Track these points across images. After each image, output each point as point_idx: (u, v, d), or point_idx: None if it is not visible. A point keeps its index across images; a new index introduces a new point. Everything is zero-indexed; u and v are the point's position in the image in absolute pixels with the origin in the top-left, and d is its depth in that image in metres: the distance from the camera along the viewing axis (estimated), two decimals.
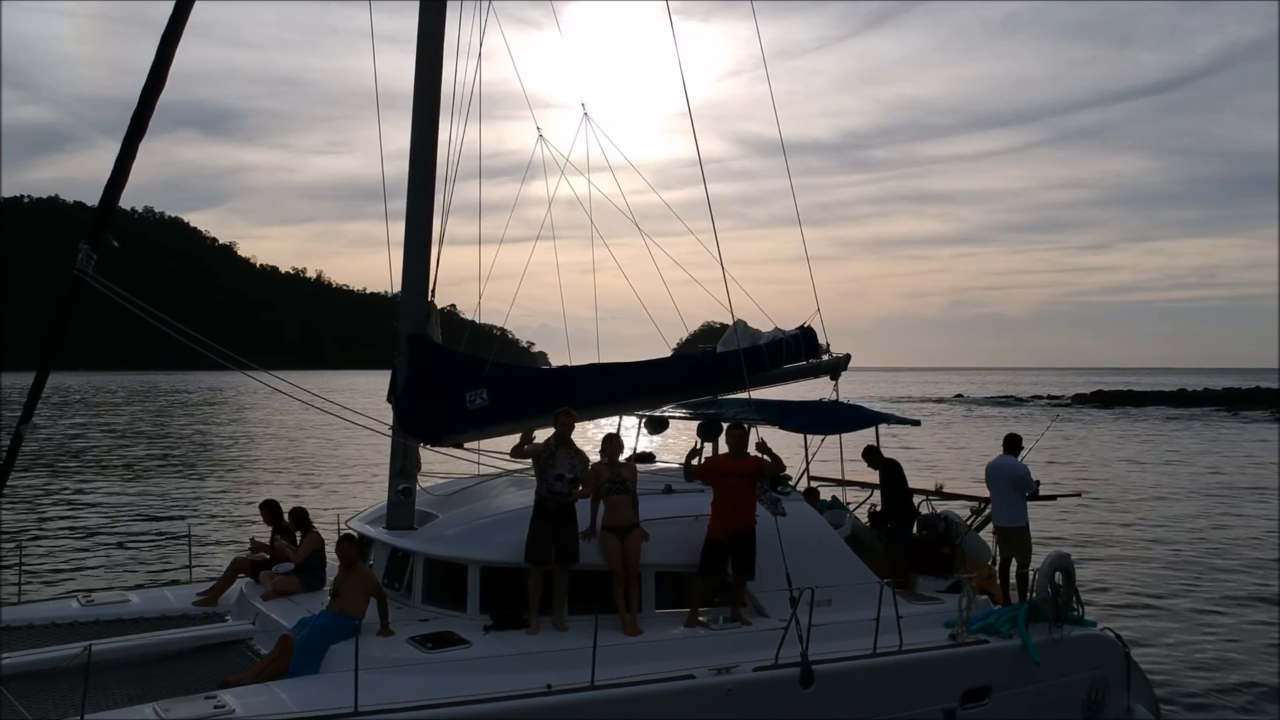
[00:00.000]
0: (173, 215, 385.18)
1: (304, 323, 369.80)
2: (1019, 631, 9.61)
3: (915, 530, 11.71)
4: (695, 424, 11.89)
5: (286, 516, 10.84)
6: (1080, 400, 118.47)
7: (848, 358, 12.49)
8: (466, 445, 10.49)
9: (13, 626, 9.74)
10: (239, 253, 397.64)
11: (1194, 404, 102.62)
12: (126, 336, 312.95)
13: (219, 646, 9.39)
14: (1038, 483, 11.20)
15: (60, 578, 16.94)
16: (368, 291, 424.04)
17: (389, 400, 10.10)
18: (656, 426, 12.11)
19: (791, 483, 11.41)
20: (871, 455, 11.80)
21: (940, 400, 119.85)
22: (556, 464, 8.96)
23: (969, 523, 11.80)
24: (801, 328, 12.26)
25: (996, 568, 11.39)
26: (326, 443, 36.37)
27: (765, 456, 9.43)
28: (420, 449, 10.11)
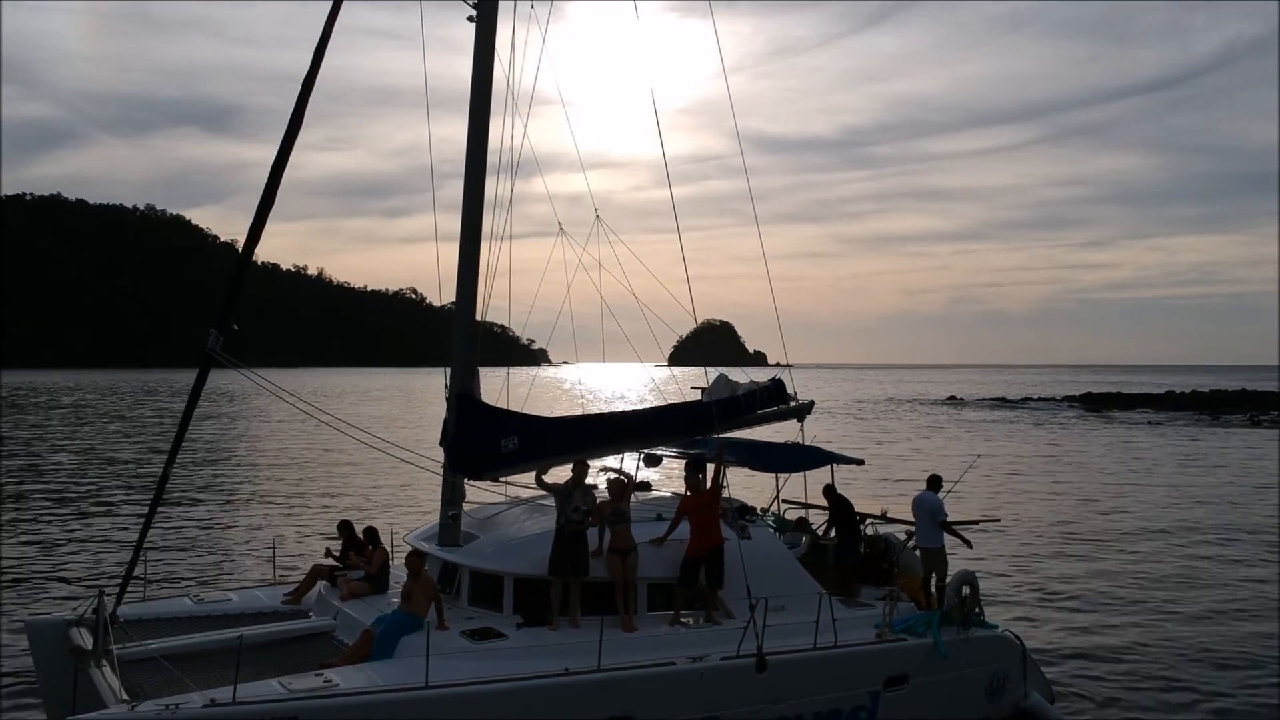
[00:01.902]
0: (174, 213, 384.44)
1: (306, 320, 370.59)
2: (932, 632, 12.25)
3: (862, 549, 14.38)
4: (682, 459, 14.54)
5: (360, 534, 13.49)
6: (1070, 402, 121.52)
7: (811, 404, 15.13)
8: (500, 479, 13.18)
9: (144, 619, 12.35)
10: (239, 249, 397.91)
11: (1179, 407, 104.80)
12: (125, 336, 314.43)
13: (309, 637, 12.03)
14: (946, 516, 13.82)
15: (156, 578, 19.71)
16: (369, 289, 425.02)
17: (441, 444, 12.76)
18: (652, 462, 14.77)
19: (760, 511, 14.07)
20: (829, 493, 14.51)
21: (934, 402, 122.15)
22: (574, 500, 11.62)
23: (906, 543, 14.44)
24: (773, 380, 14.91)
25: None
26: (351, 458, 38.55)
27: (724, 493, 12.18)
28: (465, 483, 12.78)
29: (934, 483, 13.87)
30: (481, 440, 12.56)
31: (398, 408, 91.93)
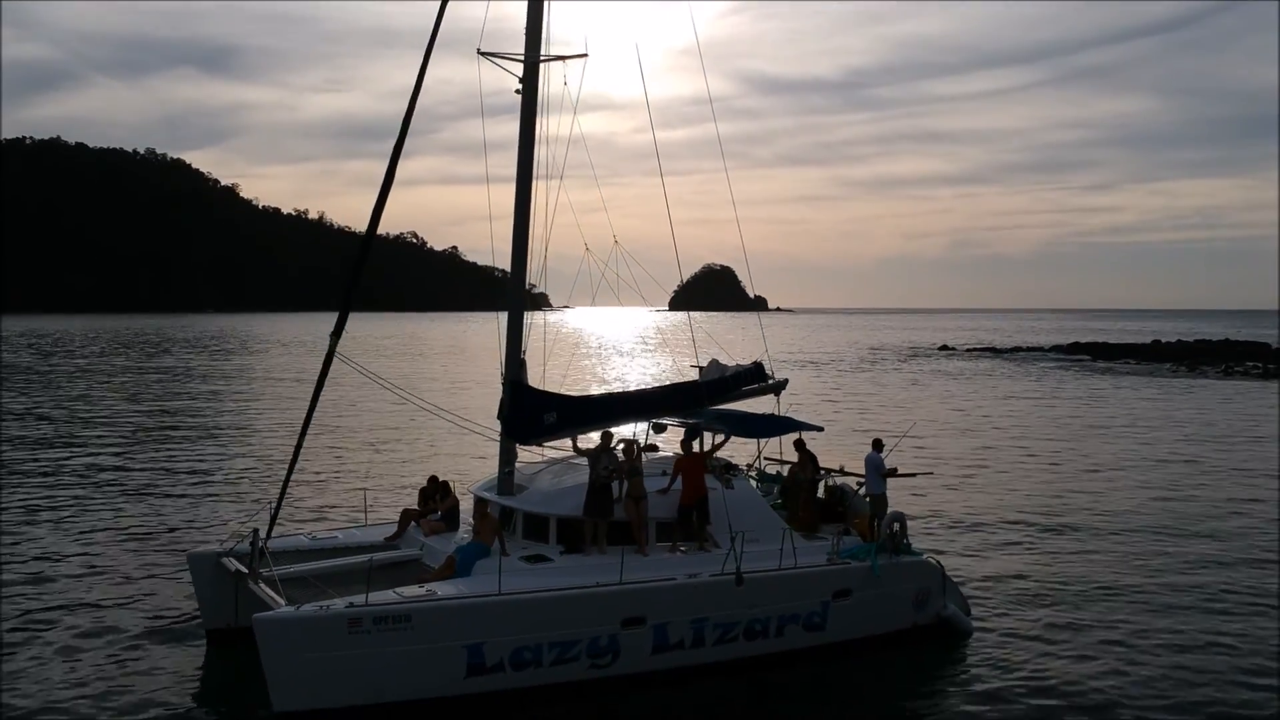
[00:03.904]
0: (175, 157, 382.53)
1: (307, 265, 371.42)
2: (869, 558, 16.26)
3: (822, 494, 18.38)
4: (683, 428, 18.50)
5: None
6: (1057, 351, 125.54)
7: (785, 381, 19.00)
8: (542, 445, 17.16)
9: (276, 551, 16.22)
10: (241, 194, 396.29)
11: (1161, 358, 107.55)
12: (128, 281, 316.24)
13: (403, 563, 16.05)
14: (894, 469, 17.80)
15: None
16: None
17: (498, 418, 16.68)
18: (659, 429, 18.71)
19: (740, 469, 18.04)
20: (800, 447, 18.44)
21: (924, 353, 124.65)
22: (602, 461, 15.57)
23: (856, 491, 18.41)
24: (754, 363, 18.79)
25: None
26: (419, 423, 41.93)
27: (714, 455, 16.17)
28: (516, 447, 16.75)
29: (878, 445, 17.83)
30: (529, 415, 16.49)
31: (438, 364, 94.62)
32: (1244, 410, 55.77)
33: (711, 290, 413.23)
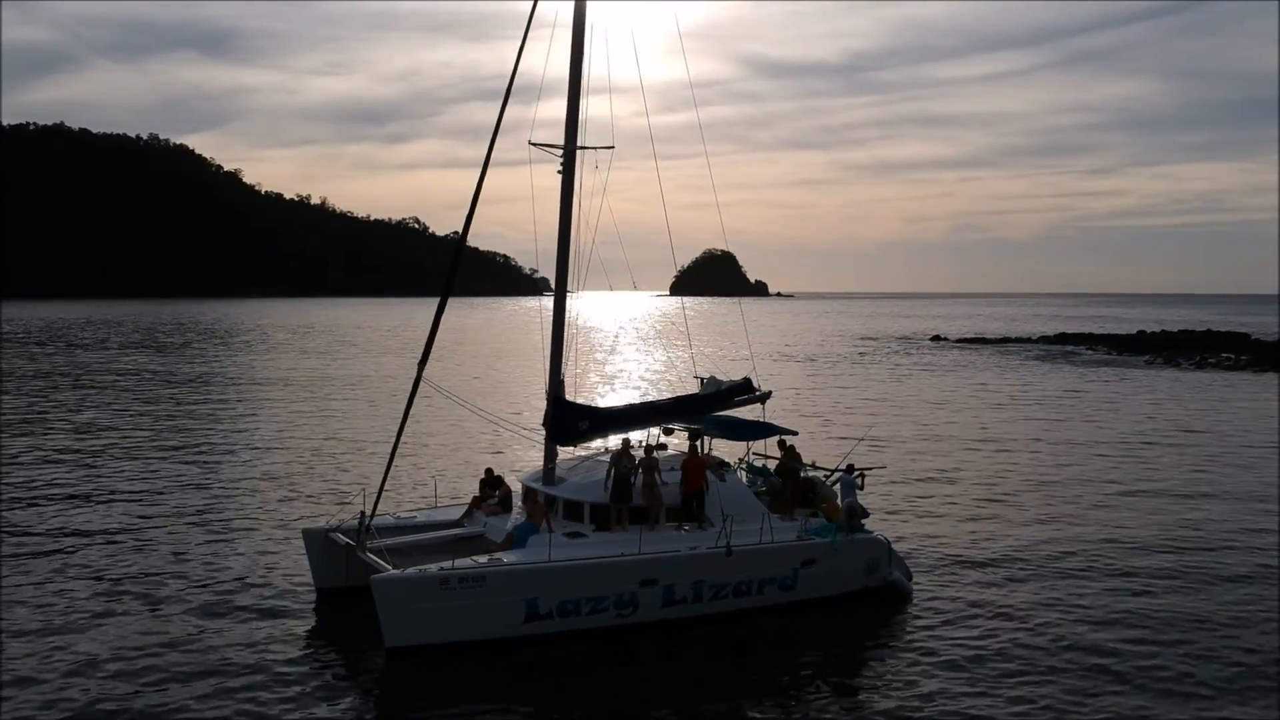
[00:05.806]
0: (177, 142, 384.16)
1: (309, 249, 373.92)
2: (830, 535, 20.90)
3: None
4: (686, 432, 23.18)
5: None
6: (1044, 341, 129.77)
7: (769, 393, 23.61)
8: (577, 446, 21.82)
9: (375, 527, 20.80)
10: (243, 179, 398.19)
11: (1141, 349, 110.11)
12: (131, 267, 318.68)
13: (468, 538, 20.67)
14: (861, 474, 22.43)
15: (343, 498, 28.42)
16: (371, 219, 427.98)
17: (542, 425, 21.32)
18: (667, 433, 23.36)
19: (730, 466, 22.69)
20: (780, 445, 23.08)
21: (916, 344, 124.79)
22: (623, 459, 20.21)
23: (825, 480, 23.05)
24: (744, 378, 23.40)
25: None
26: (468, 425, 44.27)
27: (710, 455, 20.78)
28: (556, 447, 21.42)
29: (850, 469, 22.35)
30: (567, 423, 21.13)
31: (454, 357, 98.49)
32: (1205, 402, 59.96)
33: (713, 275, 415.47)
